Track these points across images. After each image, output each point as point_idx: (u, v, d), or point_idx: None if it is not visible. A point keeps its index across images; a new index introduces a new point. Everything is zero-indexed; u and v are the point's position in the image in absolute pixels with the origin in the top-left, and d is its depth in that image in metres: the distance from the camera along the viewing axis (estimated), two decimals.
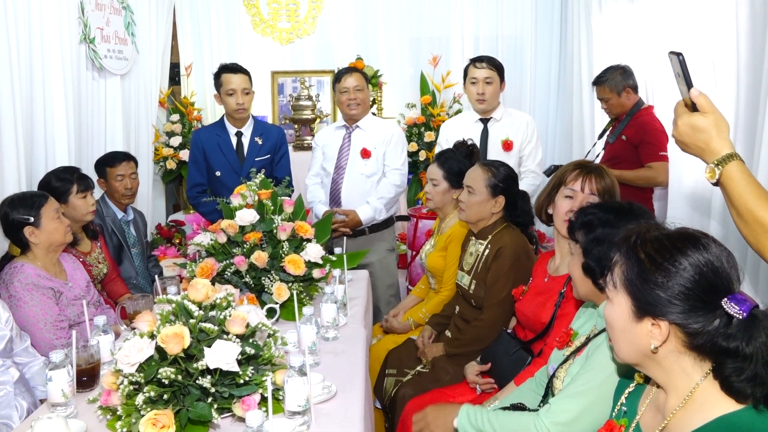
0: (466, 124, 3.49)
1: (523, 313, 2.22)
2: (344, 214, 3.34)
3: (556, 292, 2.05)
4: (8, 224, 2.45)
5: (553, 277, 2.14)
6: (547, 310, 2.06)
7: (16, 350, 2.25)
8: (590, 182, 2.06)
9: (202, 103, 5.10)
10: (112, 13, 3.82)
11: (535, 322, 2.14)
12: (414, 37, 5.19)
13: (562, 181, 2.12)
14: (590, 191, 2.05)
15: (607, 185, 2.05)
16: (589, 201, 2.03)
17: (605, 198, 2.03)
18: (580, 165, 2.15)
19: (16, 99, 2.84)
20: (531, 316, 2.16)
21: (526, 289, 2.24)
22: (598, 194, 2.04)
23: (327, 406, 1.73)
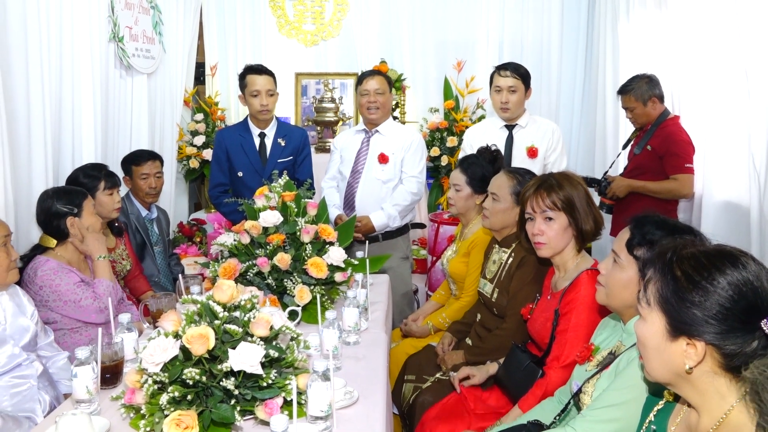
0: (490, 130, 3.46)
1: (531, 332, 2.21)
2: (357, 221, 3.32)
3: (553, 310, 2.03)
4: (51, 214, 2.50)
5: (553, 293, 2.12)
6: (548, 329, 2.05)
7: (41, 344, 2.28)
8: (539, 200, 2.07)
9: (225, 103, 5.14)
10: (140, 13, 3.86)
11: (540, 341, 2.13)
12: (438, 41, 5.19)
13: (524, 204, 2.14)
14: (542, 209, 2.06)
15: (565, 195, 2.04)
16: (548, 216, 2.04)
17: (567, 209, 2.02)
18: (534, 183, 2.14)
19: (45, 95, 2.88)
20: (536, 335, 2.15)
21: (533, 307, 2.22)
22: (556, 208, 2.04)
23: (349, 412, 1.72)
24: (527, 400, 2.00)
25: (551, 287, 2.17)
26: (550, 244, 2.06)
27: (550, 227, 2.05)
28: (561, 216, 2.03)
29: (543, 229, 2.06)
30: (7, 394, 2.03)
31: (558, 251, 2.08)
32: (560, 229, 2.04)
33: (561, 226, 2.04)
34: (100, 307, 2.45)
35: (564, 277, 2.07)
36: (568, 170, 2.29)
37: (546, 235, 2.06)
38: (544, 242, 2.07)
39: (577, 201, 2.04)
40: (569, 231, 2.05)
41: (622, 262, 1.57)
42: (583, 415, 1.53)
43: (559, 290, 2.07)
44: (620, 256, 1.58)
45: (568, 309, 1.96)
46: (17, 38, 2.70)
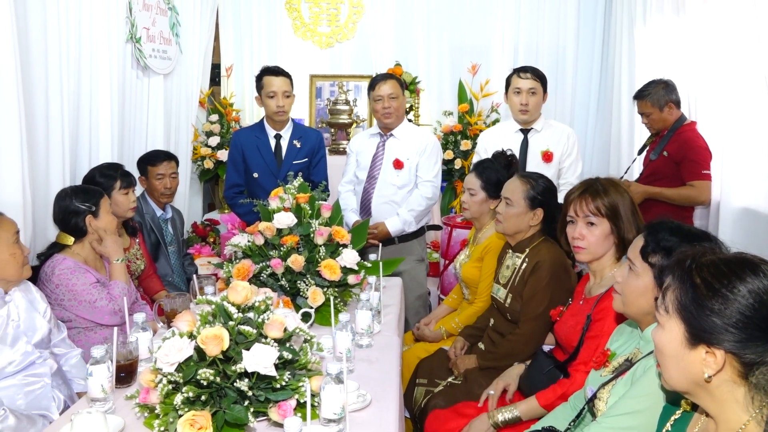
0: (505, 133, 3.45)
1: (559, 334, 2.19)
2: (373, 227, 3.32)
3: (586, 314, 2.02)
4: (69, 212, 2.53)
5: (586, 299, 2.10)
6: (577, 333, 2.03)
7: (54, 341, 2.30)
8: (583, 204, 2.03)
9: (240, 104, 5.16)
10: (158, 14, 3.89)
11: (567, 344, 2.10)
12: (453, 44, 5.17)
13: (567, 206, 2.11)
14: (585, 213, 2.02)
15: (610, 202, 1.99)
16: (590, 222, 2.01)
17: (611, 216, 1.98)
18: (579, 187, 2.11)
19: (63, 95, 2.91)
20: (564, 337, 2.13)
21: (563, 309, 2.20)
22: (599, 214, 2.00)
23: (362, 415, 1.72)
24: (546, 394, 1.99)
25: (584, 293, 2.14)
26: (590, 249, 2.03)
27: (591, 232, 2.01)
28: (604, 222, 1.99)
29: (584, 233, 2.02)
30: (21, 392, 2.04)
31: (596, 257, 2.04)
32: (601, 236, 2.00)
33: (603, 232, 2.00)
34: (114, 309, 2.47)
35: (599, 284, 2.04)
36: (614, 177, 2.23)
37: (586, 240, 2.02)
38: (583, 247, 2.03)
39: (622, 209, 1.99)
40: (611, 238, 2.00)
41: (637, 269, 1.56)
42: (599, 422, 1.51)
43: (593, 296, 2.05)
44: (635, 264, 1.57)
45: (602, 316, 1.94)
46: (37, 38, 2.73)
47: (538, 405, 2.01)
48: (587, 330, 1.97)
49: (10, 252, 2.07)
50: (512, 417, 2.06)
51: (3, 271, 2.06)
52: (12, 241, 2.09)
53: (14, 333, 2.07)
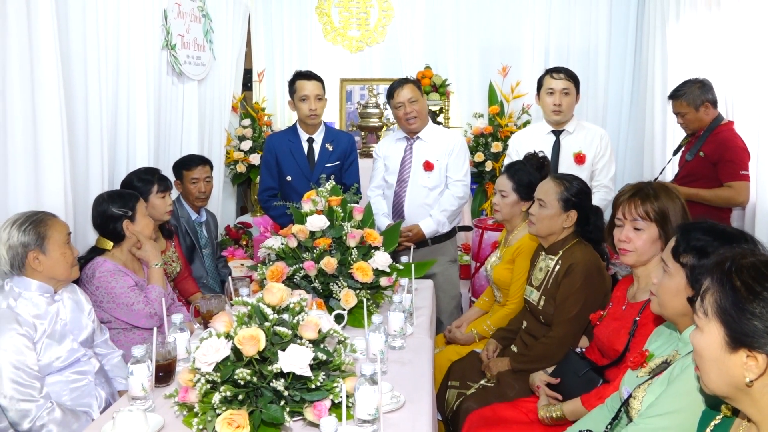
0: (536, 135, 3.43)
1: (599, 338, 2.16)
2: (408, 230, 3.33)
3: (631, 319, 1.99)
4: (107, 217, 2.59)
5: (630, 304, 2.07)
6: (622, 338, 2.00)
7: (97, 342, 2.37)
8: (631, 208, 1.99)
9: (272, 109, 5.23)
10: (192, 21, 3.97)
11: (609, 348, 2.08)
12: (483, 46, 5.16)
13: (615, 209, 2.07)
14: (633, 217, 1.99)
15: (660, 207, 1.95)
16: (636, 227, 1.97)
17: (660, 221, 1.94)
18: (629, 190, 2.06)
19: (102, 101, 2.99)
20: (606, 342, 2.09)
21: (604, 314, 2.17)
22: (648, 218, 1.96)
23: (395, 416, 1.73)
24: (591, 398, 1.97)
25: (627, 297, 2.11)
26: (636, 253, 1.99)
27: (638, 237, 1.97)
28: (651, 227, 1.95)
29: (630, 237, 1.99)
30: (66, 388, 2.12)
31: (643, 262, 2.01)
32: (648, 240, 1.96)
33: (650, 237, 1.96)
34: (151, 313, 2.52)
35: (644, 289, 2.00)
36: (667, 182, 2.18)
37: (632, 244, 1.99)
38: (629, 250, 2.00)
39: (672, 215, 1.94)
40: (658, 243, 1.95)
41: (669, 270, 1.55)
42: (636, 424, 1.50)
43: (638, 301, 2.02)
44: (668, 264, 1.55)
45: (647, 321, 1.91)
46: (77, 46, 2.81)
47: (582, 406, 1.99)
48: (633, 336, 1.95)
49: (61, 252, 2.14)
50: (558, 416, 2.06)
51: (53, 271, 2.14)
52: (63, 242, 2.16)
53: (61, 331, 2.14)
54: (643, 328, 1.91)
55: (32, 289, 2.12)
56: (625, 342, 1.96)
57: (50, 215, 2.21)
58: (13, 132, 2.40)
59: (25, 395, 1.97)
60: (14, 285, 2.11)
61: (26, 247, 2.10)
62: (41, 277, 2.14)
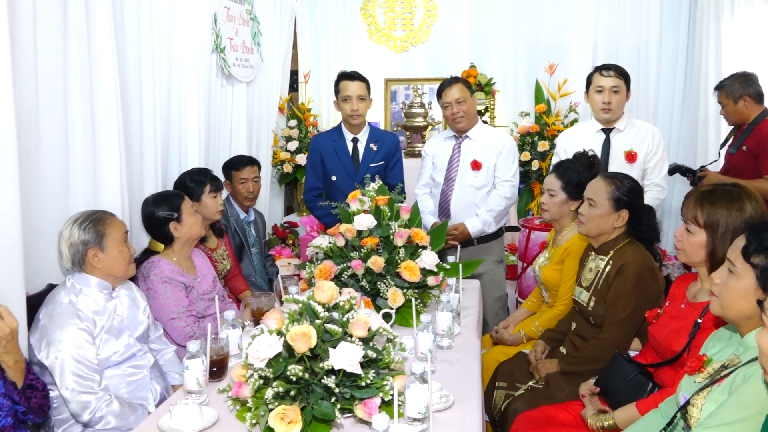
0: (585, 134, 3.37)
1: (654, 337, 2.11)
2: (453, 229, 3.32)
3: (692, 320, 1.93)
4: (155, 221, 2.66)
5: (690, 304, 2.01)
6: (681, 339, 1.94)
7: (152, 337, 2.44)
8: (687, 209, 1.94)
9: (318, 109, 5.29)
10: (241, 24, 4.04)
11: (666, 349, 2.02)
12: (529, 44, 5.11)
13: None
14: (686, 218, 1.94)
15: (710, 215, 1.87)
16: (688, 228, 1.93)
17: (709, 229, 1.87)
18: (697, 190, 2.00)
19: (156, 105, 3.07)
20: (662, 341, 2.04)
21: (660, 312, 2.12)
22: (696, 223, 1.90)
23: (444, 416, 1.73)
24: (647, 402, 1.93)
25: (687, 296, 2.06)
26: (686, 253, 1.96)
27: (688, 238, 1.94)
28: (700, 232, 1.90)
29: (682, 236, 1.96)
30: (123, 382, 2.19)
31: (695, 263, 1.97)
32: (696, 245, 1.92)
33: (698, 242, 1.91)
34: (188, 335, 2.56)
35: (706, 290, 1.95)
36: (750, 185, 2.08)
37: (683, 243, 1.96)
38: (680, 248, 1.98)
39: (723, 225, 1.86)
40: (705, 250, 1.90)
41: (738, 270, 1.49)
42: None
43: (700, 301, 1.97)
44: (735, 264, 1.50)
45: (711, 324, 1.86)
46: (132, 52, 2.90)
47: (638, 413, 1.94)
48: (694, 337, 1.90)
49: (118, 250, 2.22)
50: (611, 425, 2.01)
51: (111, 268, 2.21)
52: (121, 240, 2.24)
53: (119, 326, 2.22)
54: (706, 332, 1.85)
55: (92, 285, 2.20)
56: (684, 343, 1.91)
57: (109, 214, 2.29)
58: (74, 136, 2.49)
59: (86, 388, 2.04)
60: (75, 281, 2.19)
61: (86, 245, 2.18)
62: (100, 274, 2.22)
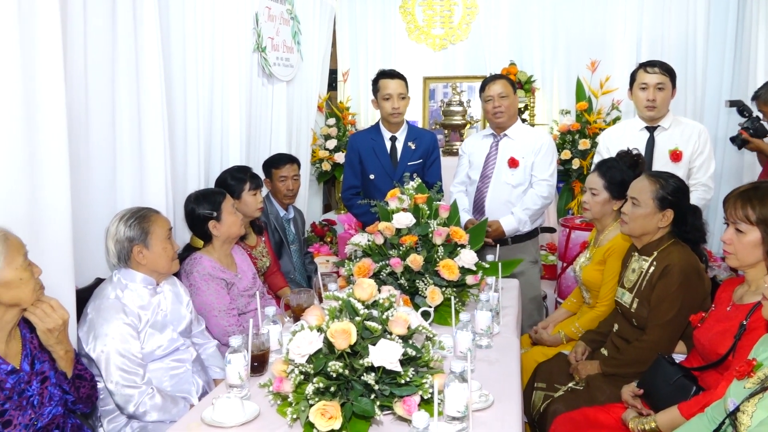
0: (629, 132, 3.31)
1: (699, 341, 2.06)
2: (488, 226, 3.29)
3: (738, 322, 1.88)
4: (195, 218, 2.71)
5: (736, 306, 1.96)
6: (726, 342, 1.89)
7: (194, 332, 2.49)
8: (733, 209, 1.88)
9: (356, 108, 5.32)
10: (281, 24, 4.09)
11: (711, 352, 1.97)
12: (571, 40, 5.03)
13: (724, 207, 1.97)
14: (734, 219, 1.88)
15: (763, 212, 1.81)
16: (738, 228, 1.86)
17: (763, 226, 1.81)
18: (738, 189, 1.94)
19: (199, 105, 3.14)
20: (707, 345, 1.99)
21: (705, 315, 2.07)
22: (748, 221, 1.84)
23: (484, 415, 1.72)
24: (691, 406, 1.89)
25: (733, 299, 2.01)
26: (737, 255, 1.91)
27: (738, 239, 1.88)
28: (753, 231, 1.84)
29: (732, 238, 1.90)
30: (167, 375, 2.24)
31: (746, 265, 1.92)
32: (749, 245, 1.86)
33: (751, 241, 1.85)
34: (228, 333, 2.59)
35: (754, 292, 1.91)
36: None
37: (733, 246, 1.90)
38: (730, 252, 1.92)
39: None
40: (760, 248, 1.84)
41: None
42: None
43: (746, 303, 1.93)
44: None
45: (758, 326, 1.82)
46: (177, 53, 2.96)
47: (680, 416, 1.90)
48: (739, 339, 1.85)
49: (162, 246, 2.27)
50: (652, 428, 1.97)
51: (155, 264, 2.27)
52: (165, 237, 2.29)
53: (162, 321, 2.27)
54: (752, 333, 1.80)
55: (137, 281, 2.26)
56: (729, 345, 1.86)
57: (154, 211, 2.34)
58: (121, 136, 2.56)
59: (129, 381, 2.10)
60: (121, 277, 2.25)
61: (131, 241, 2.24)
62: (145, 269, 2.27)
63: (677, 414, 1.92)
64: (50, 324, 1.78)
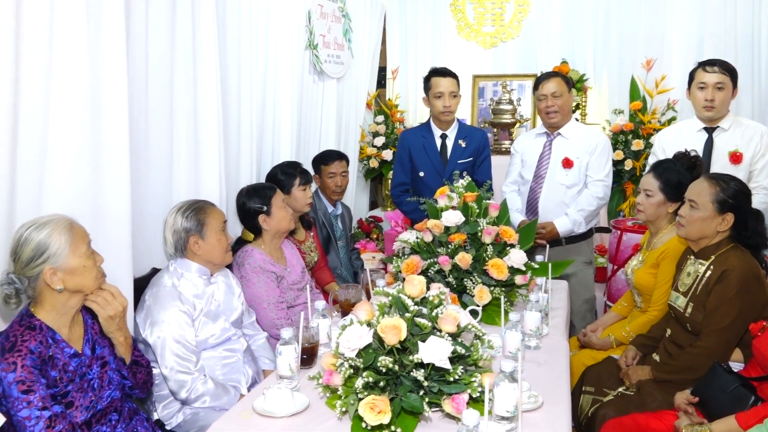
0: (686, 132, 3.21)
1: (759, 351, 1.99)
2: (542, 227, 3.26)
3: None
4: (245, 212, 2.77)
5: None
6: None
7: (245, 323, 2.54)
8: None
9: (405, 106, 5.32)
10: (333, 21, 4.13)
11: None
12: (625, 38, 4.89)
13: None
14: None
15: None
16: None
17: None
18: None
19: (252, 101, 3.20)
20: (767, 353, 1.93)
21: (766, 324, 2.00)
22: None
23: (533, 416, 1.71)
24: (749, 417, 1.83)
25: None
26: None
27: None
28: None
29: None
30: (219, 364, 2.30)
31: None
32: None
33: None
34: (276, 325, 2.65)
35: None
36: None
37: None
38: None
39: None
40: None
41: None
42: None
43: None
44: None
45: None
46: (233, 50, 3.03)
47: (737, 426, 1.84)
48: None
49: (217, 238, 2.33)
50: None
51: (210, 255, 2.33)
52: (219, 229, 2.35)
53: (216, 311, 2.33)
54: None
55: (192, 270, 2.32)
56: None
57: (209, 204, 2.40)
58: (179, 130, 2.64)
59: (183, 367, 2.16)
60: (178, 266, 2.32)
61: (188, 232, 2.30)
62: (200, 260, 2.33)
63: (734, 424, 1.87)
64: (110, 311, 1.85)
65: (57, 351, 1.75)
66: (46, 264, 1.71)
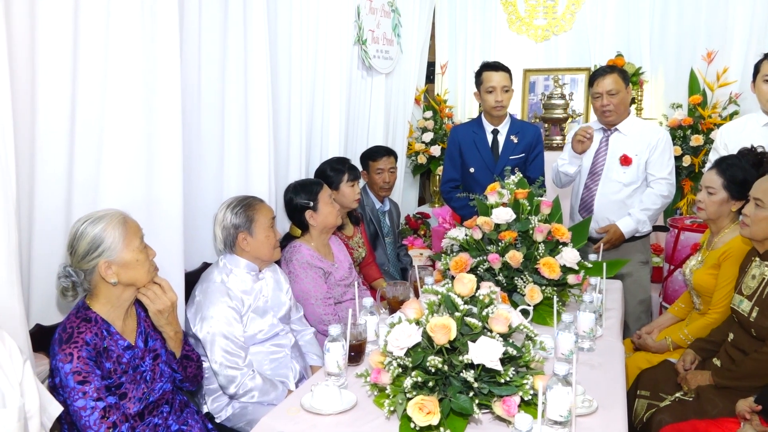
0: (750, 127, 3.05)
1: None
2: (604, 231, 3.16)
3: None
4: (292, 208, 2.78)
5: None
6: None
7: (293, 319, 2.55)
8: None
9: (453, 101, 5.25)
10: (382, 16, 4.11)
11: None
12: (684, 30, 4.69)
13: None
14: None
15: None
16: None
17: None
18: None
19: (302, 97, 3.21)
20: None
21: None
22: None
23: (587, 421, 1.65)
24: None
25: None
26: None
27: None
28: None
29: None
30: (267, 359, 2.32)
31: None
32: None
33: None
34: (324, 321, 2.65)
35: None
36: None
37: None
38: None
39: None
40: None
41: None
42: None
43: None
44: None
45: None
46: (283, 46, 3.05)
47: None
48: None
49: (265, 234, 2.34)
50: None
51: (258, 251, 2.34)
52: (267, 225, 2.36)
53: (264, 306, 2.35)
54: None
55: (241, 266, 2.34)
56: None
57: (258, 200, 2.42)
58: (230, 127, 2.67)
59: (232, 363, 2.18)
60: (227, 262, 2.34)
61: (237, 229, 2.32)
62: (248, 256, 2.35)
63: None
64: (159, 305, 1.87)
65: (111, 343, 1.79)
66: (101, 258, 1.75)
